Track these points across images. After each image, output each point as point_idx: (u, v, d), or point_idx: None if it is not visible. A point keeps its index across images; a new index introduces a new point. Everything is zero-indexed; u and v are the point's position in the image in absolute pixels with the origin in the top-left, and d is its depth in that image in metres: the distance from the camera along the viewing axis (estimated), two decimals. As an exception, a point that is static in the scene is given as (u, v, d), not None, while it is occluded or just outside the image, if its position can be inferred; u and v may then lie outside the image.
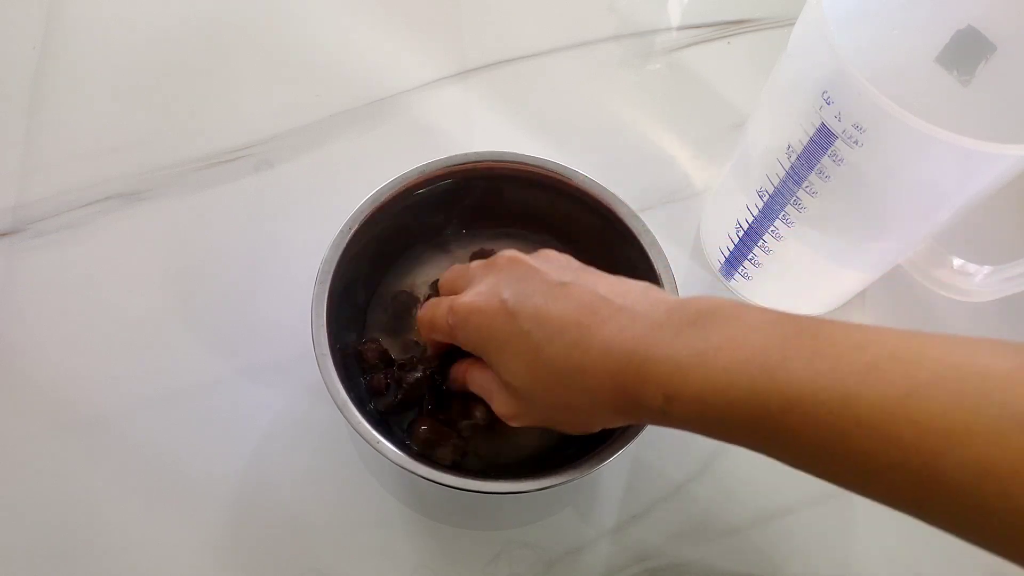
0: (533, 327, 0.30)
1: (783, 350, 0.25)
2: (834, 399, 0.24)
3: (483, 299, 0.32)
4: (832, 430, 0.24)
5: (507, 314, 0.31)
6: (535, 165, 0.41)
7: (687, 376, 0.27)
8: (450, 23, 0.55)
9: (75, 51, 0.52)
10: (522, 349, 0.30)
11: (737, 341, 0.26)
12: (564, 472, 0.34)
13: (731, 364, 0.26)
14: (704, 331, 0.27)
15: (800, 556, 0.40)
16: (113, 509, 0.39)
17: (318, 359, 0.35)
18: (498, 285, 0.32)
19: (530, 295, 0.31)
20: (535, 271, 0.32)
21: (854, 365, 0.24)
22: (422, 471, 0.33)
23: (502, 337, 0.31)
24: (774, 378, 0.25)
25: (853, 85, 0.29)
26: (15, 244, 0.45)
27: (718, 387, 0.26)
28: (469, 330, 0.32)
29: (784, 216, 0.38)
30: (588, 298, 0.30)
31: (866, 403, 0.23)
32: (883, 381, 0.23)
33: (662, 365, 0.27)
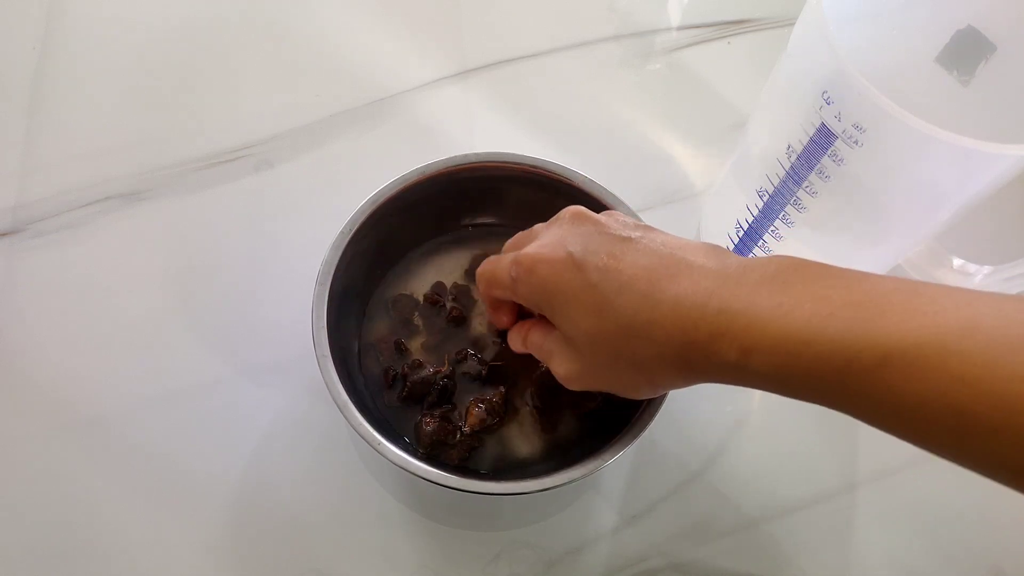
0: (601, 279, 0.29)
1: (877, 305, 0.24)
2: (936, 354, 0.22)
3: (549, 250, 0.31)
4: (933, 386, 0.22)
5: (574, 266, 0.30)
6: (535, 166, 0.41)
7: (766, 327, 0.26)
8: (450, 23, 0.55)
9: (75, 51, 0.52)
10: (589, 301, 0.29)
11: (822, 295, 0.25)
12: (565, 473, 0.34)
13: (816, 317, 0.25)
14: (786, 286, 0.26)
15: (800, 556, 0.40)
16: (113, 509, 0.39)
17: (319, 360, 0.35)
18: (564, 238, 0.31)
19: (598, 248, 0.30)
20: (602, 225, 0.31)
21: (959, 319, 0.23)
22: (422, 472, 0.33)
23: (568, 289, 0.30)
24: (868, 330, 0.24)
25: (853, 85, 0.29)
26: (15, 244, 0.45)
27: (802, 338, 0.25)
28: (534, 282, 0.31)
29: (784, 216, 0.38)
30: (659, 252, 0.29)
31: (971, 360, 0.22)
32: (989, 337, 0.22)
33: (739, 317, 0.26)
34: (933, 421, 0.23)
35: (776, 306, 0.26)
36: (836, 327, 0.24)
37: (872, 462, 0.42)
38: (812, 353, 0.25)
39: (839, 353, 0.24)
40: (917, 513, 0.41)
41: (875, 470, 0.42)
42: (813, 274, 0.26)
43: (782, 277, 0.27)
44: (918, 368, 0.23)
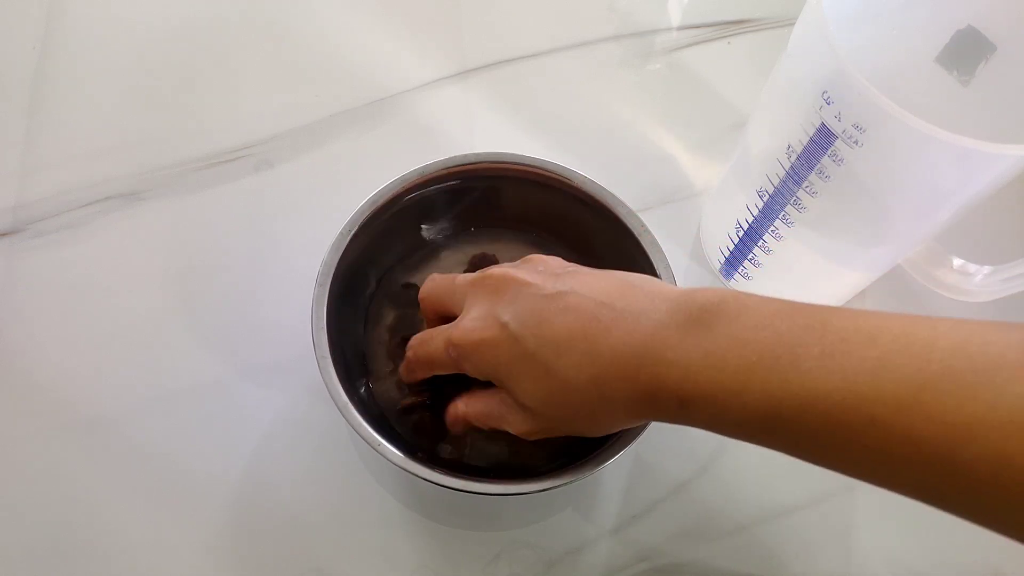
0: (539, 347, 0.30)
1: (793, 348, 0.25)
2: (848, 399, 0.24)
3: (483, 326, 0.31)
4: (848, 429, 0.24)
5: (510, 339, 0.30)
6: (534, 166, 0.41)
7: (697, 380, 0.27)
8: (450, 23, 0.55)
9: (75, 51, 0.52)
10: (533, 370, 0.30)
11: (745, 340, 0.26)
12: (565, 474, 0.34)
13: (741, 367, 0.26)
14: (710, 330, 0.27)
15: (800, 556, 0.40)
16: (113, 509, 0.39)
17: (319, 361, 0.35)
18: (494, 308, 0.31)
19: (529, 314, 0.30)
20: (528, 286, 0.31)
21: (865, 362, 0.24)
22: (423, 472, 0.33)
23: (510, 362, 0.31)
24: (786, 379, 0.25)
25: (853, 85, 0.29)
26: (15, 244, 0.45)
27: (730, 391, 0.26)
28: (477, 361, 0.32)
29: (784, 216, 0.38)
30: (588, 306, 0.30)
31: (879, 401, 0.23)
32: (895, 377, 0.23)
33: (672, 369, 0.27)
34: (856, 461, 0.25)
35: (704, 356, 0.27)
36: (762, 376, 0.25)
37: (872, 462, 0.42)
38: (740, 404, 0.26)
39: (765, 403, 0.25)
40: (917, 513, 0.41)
41: (875, 470, 0.42)
42: (734, 312, 0.27)
43: (706, 319, 0.27)
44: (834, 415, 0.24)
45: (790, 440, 0.26)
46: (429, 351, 0.34)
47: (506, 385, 0.32)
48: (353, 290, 0.39)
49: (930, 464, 0.23)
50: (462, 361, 0.32)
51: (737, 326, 0.27)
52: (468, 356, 0.32)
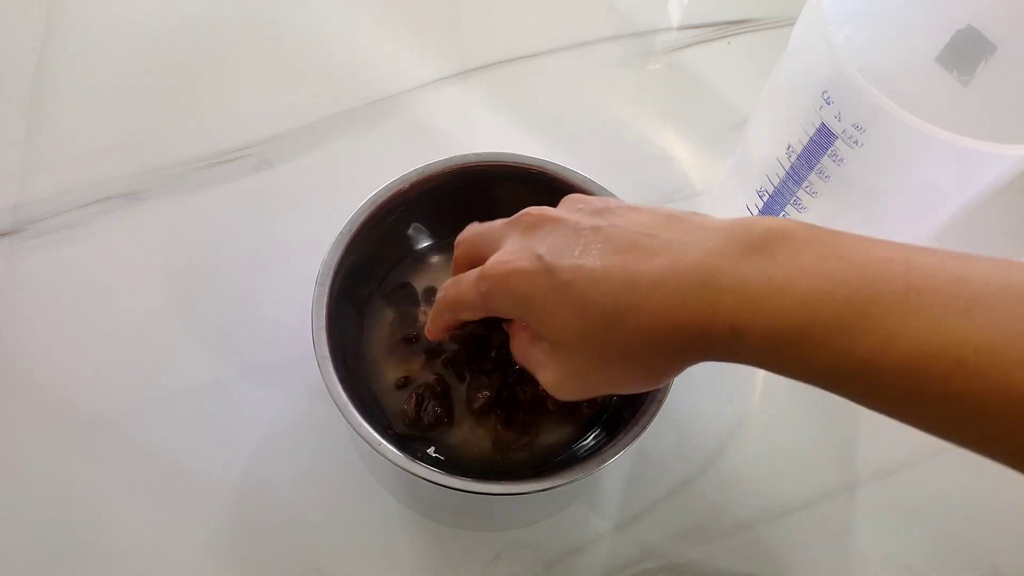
0: (575, 276, 0.27)
1: (871, 282, 0.23)
2: (933, 339, 0.21)
3: (517, 258, 0.29)
4: (931, 373, 0.22)
5: (545, 270, 0.28)
6: (534, 166, 0.41)
7: (758, 307, 0.24)
8: (450, 23, 0.55)
9: (75, 51, 0.52)
10: (568, 302, 0.28)
11: (815, 269, 0.24)
12: (564, 473, 0.34)
13: (809, 296, 0.23)
14: (773, 256, 0.24)
15: (800, 556, 0.40)
16: (113, 509, 0.39)
17: (319, 361, 0.35)
18: (530, 242, 0.29)
19: (567, 246, 0.28)
20: (566, 222, 0.29)
21: (956, 300, 0.22)
22: (422, 472, 0.33)
23: (545, 294, 0.28)
24: (863, 314, 0.22)
25: (853, 85, 0.29)
26: (15, 244, 0.45)
27: (796, 322, 0.23)
28: (508, 294, 0.30)
29: (784, 216, 0.38)
30: (629, 236, 0.27)
31: (971, 345, 0.21)
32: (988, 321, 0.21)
33: (726, 295, 0.25)
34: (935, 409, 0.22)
35: (766, 282, 0.24)
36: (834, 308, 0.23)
37: (872, 462, 0.42)
38: (806, 338, 0.23)
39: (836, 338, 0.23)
40: (917, 513, 0.41)
41: (875, 470, 0.42)
42: (801, 240, 0.25)
43: (769, 245, 0.25)
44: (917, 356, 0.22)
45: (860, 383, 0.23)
46: (459, 290, 0.32)
47: (539, 322, 0.29)
48: (353, 290, 0.39)
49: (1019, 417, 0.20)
50: (492, 296, 0.30)
51: (806, 255, 0.24)
52: (499, 288, 0.30)
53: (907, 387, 0.22)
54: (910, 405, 0.23)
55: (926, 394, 0.22)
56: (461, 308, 0.33)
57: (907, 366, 0.22)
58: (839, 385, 0.24)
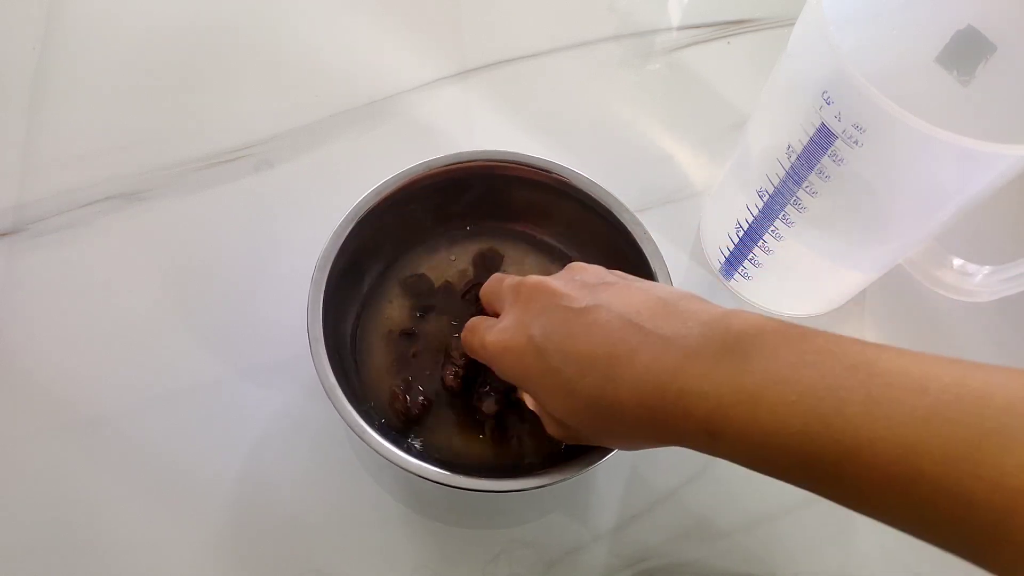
0: (562, 364, 0.30)
1: (836, 391, 0.24)
2: (893, 450, 0.22)
3: (511, 336, 0.32)
4: (893, 481, 0.23)
5: (536, 352, 0.30)
6: (537, 166, 0.41)
7: (728, 414, 0.26)
8: (450, 23, 0.55)
9: (75, 51, 0.52)
10: (556, 386, 0.30)
11: (783, 377, 0.25)
12: (561, 471, 0.34)
13: (778, 405, 0.24)
14: (746, 362, 0.26)
15: (800, 556, 0.40)
16: (113, 509, 0.39)
17: (311, 344, 0.35)
18: (524, 319, 0.32)
19: (556, 328, 0.30)
20: (560, 297, 0.31)
21: (916, 411, 0.22)
22: (414, 467, 0.33)
23: (535, 375, 0.31)
24: (828, 425, 0.23)
25: (853, 85, 0.29)
26: (15, 244, 0.45)
27: (766, 429, 0.25)
28: (504, 368, 0.33)
29: (784, 216, 0.38)
30: (615, 324, 0.29)
31: (928, 456, 0.22)
32: (946, 431, 0.22)
33: (701, 400, 0.26)
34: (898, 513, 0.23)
35: (737, 390, 0.25)
36: (801, 418, 0.24)
37: (872, 462, 0.42)
38: (776, 444, 0.25)
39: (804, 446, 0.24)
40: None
41: (875, 470, 0.42)
42: (773, 346, 0.26)
43: (741, 349, 0.26)
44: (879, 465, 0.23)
45: (828, 486, 0.25)
46: (472, 341, 0.35)
47: (533, 395, 0.32)
48: (352, 281, 0.40)
49: (978, 527, 0.21)
50: (491, 364, 0.34)
51: (776, 361, 0.25)
52: (495, 361, 0.33)
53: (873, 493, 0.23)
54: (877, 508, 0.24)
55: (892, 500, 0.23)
56: (475, 355, 0.36)
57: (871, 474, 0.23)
58: (810, 487, 0.25)
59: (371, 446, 0.34)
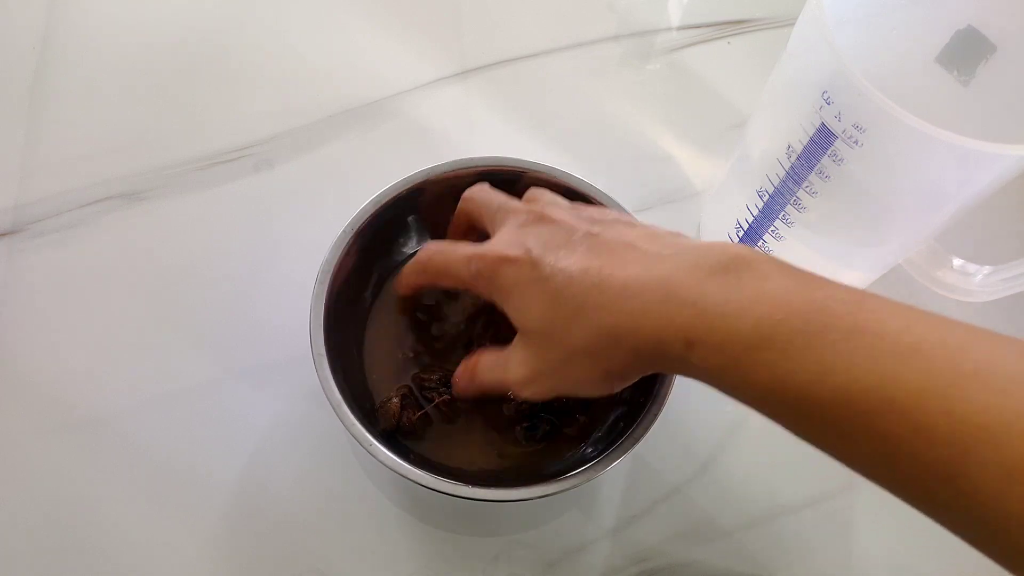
0: (554, 272, 0.30)
1: (823, 318, 0.24)
2: (869, 377, 0.23)
3: (509, 248, 0.31)
4: (862, 409, 0.23)
5: (530, 263, 0.30)
6: (536, 171, 0.41)
7: (712, 323, 0.25)
8: (450, 23, 0.55)
9: (75, 51, 0.52)
10: (542, 292, 0.30)
11: (772, 297, 0.25)
12: (565, 480, 0.34)
13: (763, 321, 0.24)
14: (737, 280, 0.26)
15: (800, 556, 0.40)
16: (112, 509, 0.39)
17: (315, 359, 0.35)
18: (525, 236, 0.32)
19: (556, 245, 0.30)
20: (562, 223, 0.32)
21: (897, 345, 0.23)
22: (414, 476, 0.33)
23: (524, 284, 0.30)
24: (808, 345, 0.24)
25: (853, 85, 0.29)
26: (15, 244, 0.45)
27: (746, 342, 0.25)
28: (493, 278, 0.32)
29: (784, 216, 0.38)
30: (613, 244, 0.30)
31: (903, 386, 0.22)
32: (924, 367, 0.22)
33: (685, 308, 0.26)
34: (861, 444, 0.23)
35: (723, 301, 0.25)
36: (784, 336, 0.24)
37: (872, 462, 0.42)
38: (752, 360, 0.25)
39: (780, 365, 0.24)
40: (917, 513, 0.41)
41: (875, 470, 0.42)
42: (768, 271, 0.26)
43: (736, 268, 0.26)
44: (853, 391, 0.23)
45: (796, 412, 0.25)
46: (447, 259, 0.34)
47: (514, 308, 0.31)
48: (354, 291, 0.39)
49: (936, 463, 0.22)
50: (478, 277, 0.32)
51: (768, 283, 0.25)
52: (487, 271, 0.32)
53: (836, 420, 0.24)
54: (837, 439, 0.24)
55: (853, 429, 0.23)
56: (444, 277, 0.35)
57: (838, 400, 0.23)
58: (774, 410, 0.26)
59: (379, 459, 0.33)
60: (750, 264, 0.26)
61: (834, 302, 0.24)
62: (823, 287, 0.25)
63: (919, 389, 0.22)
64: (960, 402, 0.21)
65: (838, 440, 0.24)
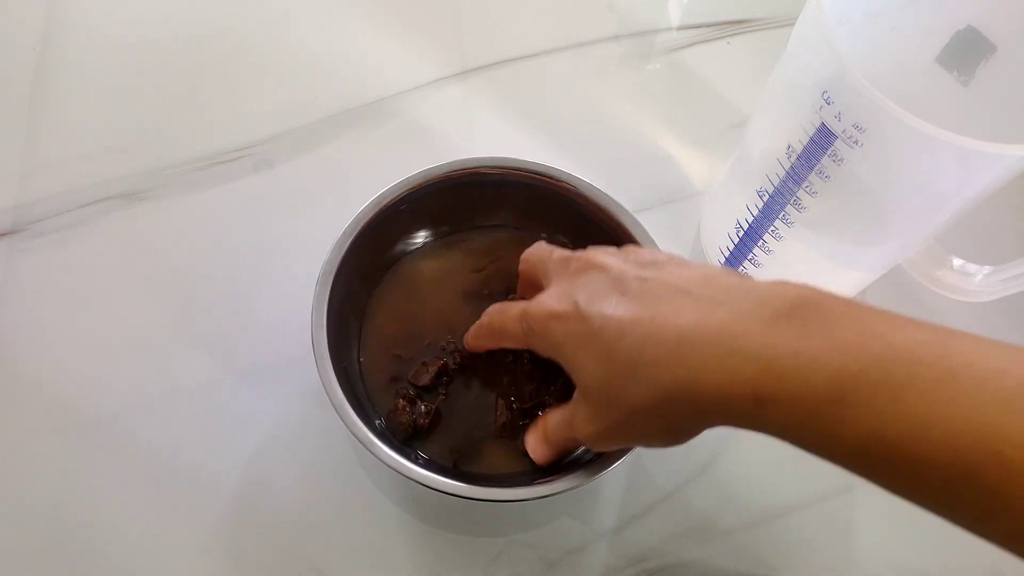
0: (604, 325, 0.28)
1: (908, 365, 0.22)
2: (971, 430, 0.21)
3: (557, 303, 0.31)
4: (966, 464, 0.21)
5: (579, 317, 0.29)
6: (538, 172, 0.41)
7: (783, 377, 0.23)
8: (450, 23, 0.55)
9: (75, 51, 0.52)
10: (595, 348, 0.28)
11: (850, 345, 0.23)
12: (566, 479, 0.34)
13: (842, 372, 0.22)
14: (804, 326, 0.24)
15: (800, 556, 0.40)
16: (113, 509, 0.39)
17: (317, 361, 0.35)
18: (573, 288, 0.31)
19: (604, 296, 0.29)
20: (609, 269, 0.30)
21: (998, 391, 0.21)
22: (417, 476, 0.33)
23: (576, 340, 0.29)
24: (898, 398, 0.22)
25: (853, 85, 0.29)
26: (15, 244, 0.45)
27: (823, 397, 0.23)
28: (544, 336, 0.31)
29: (784, 216, 0.38)
30: (662, 291, 0.28)
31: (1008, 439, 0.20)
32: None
33: (751, 361, 0.24)
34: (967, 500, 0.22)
35: (794, 353, 0.23)
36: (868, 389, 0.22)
37: (872, 462, 0.42)
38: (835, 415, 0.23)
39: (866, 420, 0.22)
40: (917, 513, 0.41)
41: (875, 470, 0.42)
42: (836, 314, 0.24)
43: (802, 314, 0.24)
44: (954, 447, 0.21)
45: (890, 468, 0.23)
46: (504, 319, 0.34)
47: (570, 364, 0.30)
48: (354, 290, 0.39)
49: None
50: (531, 335, 0.32)
51: (839, 328, 0.23)
52: (537, 329, 0.31)
53: (938, 476, 0.22)
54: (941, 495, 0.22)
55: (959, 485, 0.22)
56: (503, 337, 0.34)
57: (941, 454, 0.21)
58: (866, 467, 0.24)
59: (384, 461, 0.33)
60: (817, 306, 0.24)
61: (917, 346, 0.22)
62: (902, 328, 0.23)
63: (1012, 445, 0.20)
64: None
65: (940, 497, 0.23)
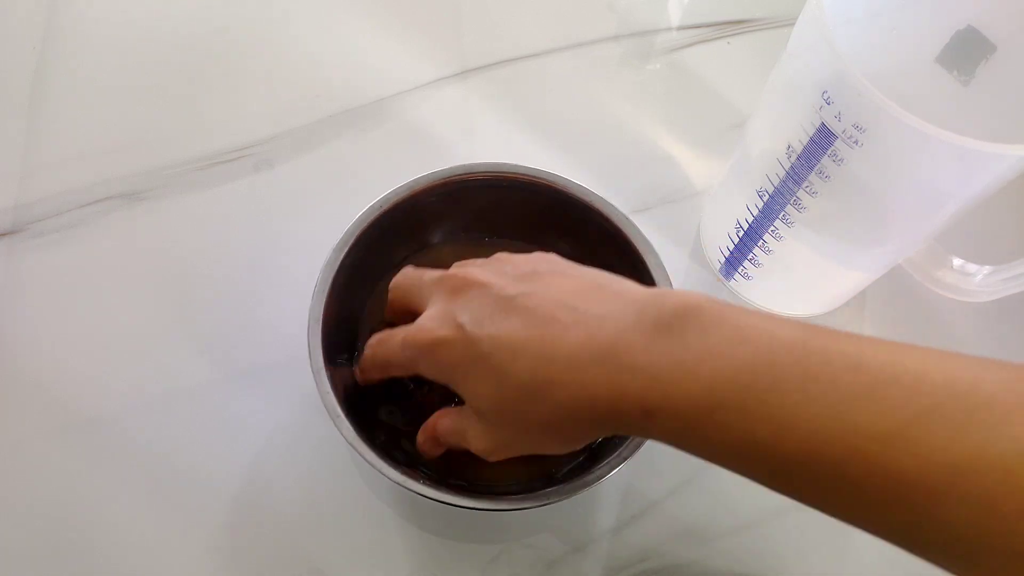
0: (493, 349, 0.28)
1: (772, 368, 0.24)
2: (829, 426, 0.22)
3: (439, 326, 0.30)
4: (827, 460, 0.23)
5: (466, 340, 0.29)
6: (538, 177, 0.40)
7: (666, 390, 0.25)
8: (450, 23, 0.55)
9: (75, 51, 0.52)
10: (487, 372, 0.29)
11: (720, 352, 0.24)
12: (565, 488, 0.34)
13: (715, 382, 0.24)
14: (683, 337, 0.25)
15: (799, 556, 0.40)
16: (113, 510, 0.39)
17: (314, 374, 0.34)
18: (453, 308, 0.30)
19: (487, 315, 0.29)
20: (489, 286, 0.30)
21: (851, 388, 0.22)
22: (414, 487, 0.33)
23: (466, 364, 0.29)
24: (764, 401, 0.23)
25: (853, 85, 0.29)
26: (15, 244, 0.45)
27: (702, 406, 0.24)
28: (430, 362, 0.31)
29: (784, 216, 0.38)
30: (547, 307, 0.28)
31: (863, 433, 0.22)
32: (881, 408, 0.22)
33: (636, 376, 0.25)
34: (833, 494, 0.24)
35: (674, 365, 0.25)
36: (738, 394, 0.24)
37: (872, 462, 0.42)
38: (712, 422, 0.24)
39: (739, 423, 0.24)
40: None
41: (875, 470, 0.42)
42: (710, 321, 0.25)
43: (679, 324, 0.25)
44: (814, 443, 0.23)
45: (762, 467, 0.25)
46: (386, 351, 0.33)
47: (460, 388, 0.30)
48: (351, 297, 0.39)
49: (911, 504, 0.22)
50: (417, 362, 0.31)
51: (713, 337, 0.25)
52: (422, 357, 0.31)
53: (808, 474, 0.23)
54: (811, 491, 0.24)
55: (828, 482, 0.23)
56: (389, 368, 0.34)
57: (805, 452, 0.23)
58: (747, 470, 0.25)
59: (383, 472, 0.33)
60: (695, 314, 0.26)
61: (781, 347, 0.24)
62: (766, 331, 0.25)
63: (882, 433, 0.22)
64: (922, 442, 0.21)
65: (812, 492, 0.24)
